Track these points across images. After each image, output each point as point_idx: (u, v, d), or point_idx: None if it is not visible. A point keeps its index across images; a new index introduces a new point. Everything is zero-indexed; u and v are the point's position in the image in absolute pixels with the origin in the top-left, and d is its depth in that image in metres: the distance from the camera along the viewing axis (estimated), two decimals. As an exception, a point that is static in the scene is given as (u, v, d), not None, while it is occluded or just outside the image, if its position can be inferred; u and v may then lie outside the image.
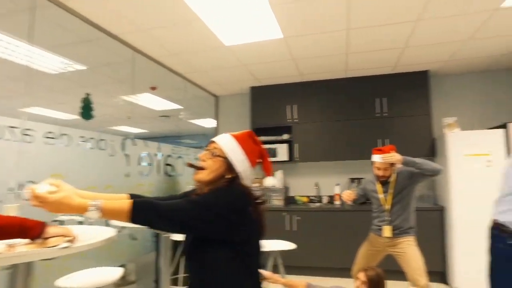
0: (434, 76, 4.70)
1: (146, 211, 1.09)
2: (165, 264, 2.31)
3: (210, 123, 5.80)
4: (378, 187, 2.85)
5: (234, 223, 1.17)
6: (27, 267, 1.35)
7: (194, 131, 6.66)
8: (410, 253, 2.70)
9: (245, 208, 1.20)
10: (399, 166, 2.76)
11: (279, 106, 4.96)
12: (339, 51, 3.78)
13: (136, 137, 3.54)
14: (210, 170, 1.28)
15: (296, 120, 4.87)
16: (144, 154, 3.66)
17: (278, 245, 3.05)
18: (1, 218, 1.28)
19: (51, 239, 1.26)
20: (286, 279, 2.27)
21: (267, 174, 1.40)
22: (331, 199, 4.95)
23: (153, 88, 5.09)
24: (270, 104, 5.00)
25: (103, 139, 3.06)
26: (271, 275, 2.20)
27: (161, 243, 2.33)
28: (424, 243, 4.06)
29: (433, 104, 4.63)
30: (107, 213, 1.06)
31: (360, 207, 4.23)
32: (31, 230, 1.28)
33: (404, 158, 2.61)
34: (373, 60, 4.12)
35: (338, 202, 4.78)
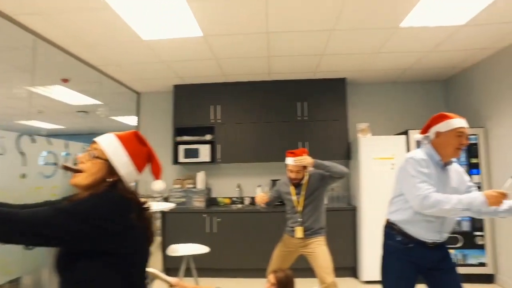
0: (351, 84, 5.01)
1: None
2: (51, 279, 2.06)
3: (132, 120, 5.48)
4: (292, 189, 2.92)
5: (110, 232, 1.06)
6: None
7: (119, 129, 6.23)
8: (319, 252, 2.80)
9: (124, 215, 1.10)
10: (311, 169, 2.86)
11: (202, 106, 4.86)
12: (261, 53, 3.82)
13: (50, 133, 3.14)
14: (88, 173, 1.15)
15: (220, 121, 4.82)
16: (45, 153, 3.28)
17: (190, 249, 2.95)
18: None
19: None
20: (194, 285, 2.19)
21: (155, 177, 1.31)
22: (253, 200, 4.98)
23: (64, 80, 4.63)
24: (194, 104, 4.88)
25: (-11, 135, 2.66)
26: (178, 282, 2.10)
27: (49, 253, 2.08)
28: (338, 241, 4.31)
29: (349, 110, 4.93)
30: None
31: (280, 209, 4.32)
32: None
33: (315, 161, 2.71)
34: (295, 65, 4.24)
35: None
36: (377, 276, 4.21)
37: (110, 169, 1.16)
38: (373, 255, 4.05)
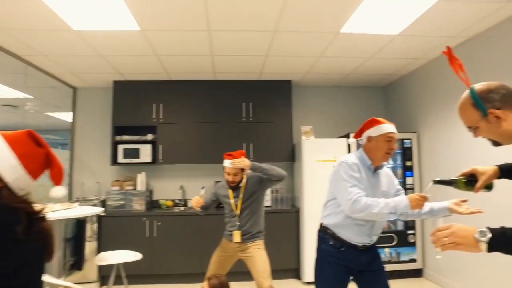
0: (296, 86, 5.07)
1: None
2: None
3: (68, 117, 5.06)
4: (230, 192, 2.84)
5: None
6: None
7: (58, 126, 5.73)
8: (257, 257, 2.75)
9: (8, 228, 0.94)
10: (249, 172, 2.81)
11: (144, 104, 4.63)
12: (204, 52, 3.71)
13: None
14: None
15: (162, 120, 4.62)
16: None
17: (121, 256, 2.76)
18: None
19: None
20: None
21: (55, 183, 1.15)
22: (197, 202, 4.85)
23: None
24: (135, 101, 4.63)
25: None
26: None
27: None
28: (282, 243, 4.33)
29: (294, 112, 4.98)
30: None
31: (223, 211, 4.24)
32: None
33: (253, 163, 2.66)
34: (239, 65, 4.18)
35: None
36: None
37: None
38: (315, 256, 4.14)
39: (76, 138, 4.91)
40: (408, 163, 4.42)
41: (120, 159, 4.56)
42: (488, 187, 1.55)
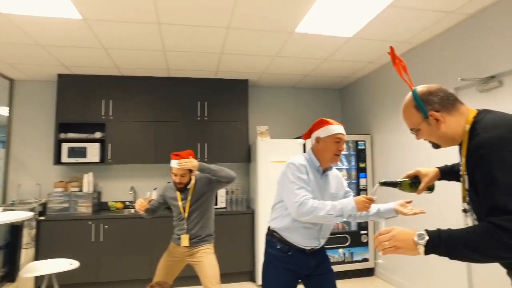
0: (253, 86, 5.01)
1: None
2: None
3: (4, 111, 4.62)
4: (178, 194, 2.70)
5: None
6: None
7: None
8: (206, 261, 2.64)
9: None
10: (197, 173, 2.68)
11: (92, 100, 4.34)
12: (156, 47, 3.53)
13: None
14: None
15: (112, 118, 4.35)
16: None
17: (54, 266, 2.52)
18: None
19: None
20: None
21: None
22: (149, 204, 4.63)
23: None
24: (82, 97, 4.33)
25: None
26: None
27: None
28: (237, 245, 4.24)
29: (250, 112, 4.91)
30: None
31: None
32: None
33: (201, 164, 2.54)
34: (194, 62, 4.04)
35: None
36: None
37: None
38: (263, 261, 4.08)
39: (13, 135, 4.49)
40: (362, 165, 4.51)
41: (65, 158, 4.24)
42: (430, 188, 1.58)
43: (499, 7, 2.63)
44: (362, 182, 4.50)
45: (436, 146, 1.35)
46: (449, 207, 3.06)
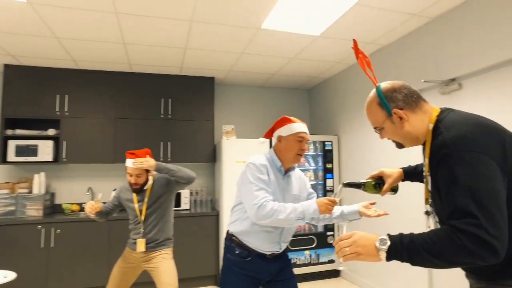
0: (219, 84, 4.87)
1: None
2: None
3: None
4: (134, 195, 2.52)
5: None
6: None
7: None
8: (163, 267, 2.47)
9: None
10: (155, 173, 2.52)
11: (45, 95, 4.02)
12: (114, 39, 3.31)
13: None
14: None
15: (67, 114, 4.06)
16: None
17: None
18: None
19: None
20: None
21: None
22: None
23: None
24: (33, 91, 4.00)
25: None
26: None
27: None
28: (201, 248, 4.09)
29: (216, 111, 4.77)
30: None
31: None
32: None
33: (158, 163, 2.38)
34: (157, 57, 3.84)
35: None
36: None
37: None
38: (221, 266, 3.96)
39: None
40: (329, 165, 4.49)
41: (12, 157, 3.89)
42: (393, 189, 1.54)
43: (460, 12, 2.67)
44: (329, 182, 4.48)
45: (400, 145, 1.30)
46: (411, 209, 3.08)
